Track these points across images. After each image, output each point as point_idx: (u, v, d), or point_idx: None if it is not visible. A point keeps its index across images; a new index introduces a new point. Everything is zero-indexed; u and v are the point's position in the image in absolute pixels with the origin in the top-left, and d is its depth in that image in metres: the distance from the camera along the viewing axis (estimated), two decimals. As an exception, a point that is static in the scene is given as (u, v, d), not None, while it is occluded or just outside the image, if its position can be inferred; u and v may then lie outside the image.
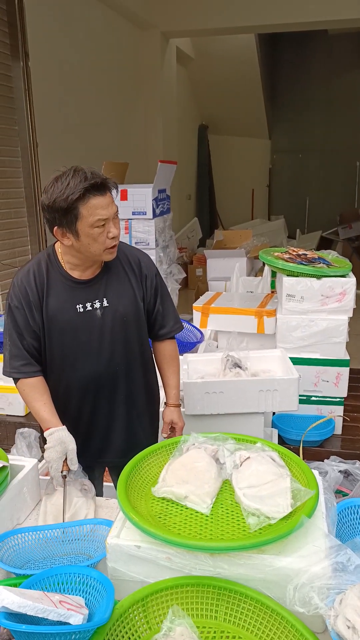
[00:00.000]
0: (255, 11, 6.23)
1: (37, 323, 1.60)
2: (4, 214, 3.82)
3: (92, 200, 1.44)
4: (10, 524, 1.40)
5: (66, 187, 1.43)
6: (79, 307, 1.61)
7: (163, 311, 1.78)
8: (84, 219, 1.45)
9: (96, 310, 1.62)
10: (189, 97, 8.98)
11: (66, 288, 1.60)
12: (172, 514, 1.23)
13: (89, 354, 1.64)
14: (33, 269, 1.61)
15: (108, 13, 5.60)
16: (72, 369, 1.66)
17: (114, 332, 1.65)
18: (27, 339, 1.61)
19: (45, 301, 1.59)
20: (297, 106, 9.99)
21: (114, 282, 1.65)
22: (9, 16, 3.72)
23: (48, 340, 1.63)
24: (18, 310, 1.59)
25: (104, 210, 1.46)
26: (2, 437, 3.18)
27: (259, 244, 6.29)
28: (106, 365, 1.67)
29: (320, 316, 2.91)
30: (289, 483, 1.24)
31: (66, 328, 1.60)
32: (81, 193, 1.42)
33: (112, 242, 1.52)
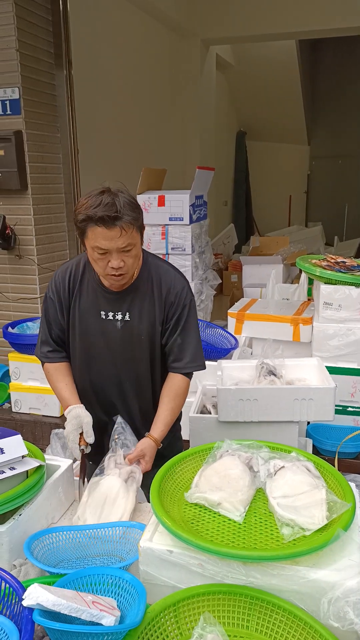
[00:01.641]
0: (296, 17, 6.20)
1: (65, 320, 1.70)
2: (45, 218, 3.91)
3: (96, 228, 1.46)
4: (45, 522, 1.43)
5: (83, 205, 1.47)
6: (102, 313, 1.67)
7: (182, 344, 1.71)
8: (88, 239, 1.51)
9: (117, 321, 1.67)
10: (227, 103, 9.00)
11: (95, 293, 1.67)
12: (205, 520, 1.22)
13: (104, 360, 1.71)
14: (70, 269, 1.69)
15: (149, 21, 5.68)
16: (87, 370, 1.74)
17: (128, 348, 1.69)
18: (55, 329, 1.72)
19: (74, 302, 1.67)
20: (337, 112, 9.86)
21: (138, 301, 1.66)
22: (54, 26, 3.82)
23: (72, 339, 1.72)
24: (52, 301, 1.69)
25: (105, 242, 1.47)
26: (37, 437, 3.25)
27: (296, 251, 6.22)
28: (118, 376, 1.73)
29: (358, 325, 2.86)
30: (325, 494, 1.22)
31: (88, 330, 1.68)
32: (85, 217, 1.45)
33: (112, 271, 1.53)
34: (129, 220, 1.46)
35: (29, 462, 1.39)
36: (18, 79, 3.52)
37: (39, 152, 3.77)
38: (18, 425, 3.28)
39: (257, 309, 3.38)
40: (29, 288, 3.91)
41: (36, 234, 3.81)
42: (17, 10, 3.44)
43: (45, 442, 3.11)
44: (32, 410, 3.35)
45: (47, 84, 3.82)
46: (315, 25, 6.23)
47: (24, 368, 3.28)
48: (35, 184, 3.75)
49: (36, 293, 3.90)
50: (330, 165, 10.24)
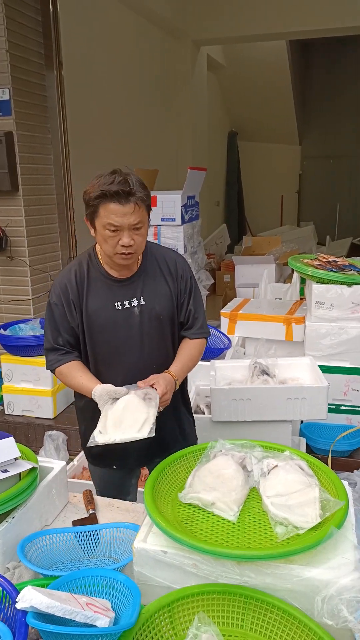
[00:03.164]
0: (287, 18, 6.22)
1: (76, 320, 1.64)
2: (36, 220, 3.90)
3: (110, 204, 1.48)
4: (39, 524, 1.42)
5: (96, 183, 1.49)
6: (118, 304, 1.64)
7: (194, 312, 1.79)
8: (100, 218, 1.51)
9: (134, 308, 1.65)
10: (219, 103, 9.01)
11: (105, 286, 1.64)
12: (199, 520, 1.22)
13: (131, 349, 1.66)
14: (75, 268, 1.66)
15: (140, 22, 5.67)
16: (115, 364, 1.67)
17: (151, 330, 1.67)
18: (64, 335, 1.65)
19: (86, 299, 1.64)
20: (329, 112, 9.91)
21: (150, 282, 1.68)
22: (44, 27, 3.81)
23: (89, 338, 1.66)
24: (57, 306, 1.64)
25: (119, 218, 1.49)
26: (30, 439, 3.23)
27: (288, 251, 6.24)
28: (145, 362, 1.68)
29: (351, 324, 2.87)
30: (318, 493, 1.22)
31: (106, 325, 1.64)
32: (100, 193, 1.47)
33: (122, 249, 1.54)
34: (141, 197, 1.50)
35: (22, 465, 1.38)
36: (8, 80, 3.51)
37: (29, 153, 3.76)
38: (11, 427, 3.27)
39: (250, 309, 3.39)
40: (21, 290, 3.89)
41: (28, 235, 3.79)
42: (6, 11, 3.43)
43: (39, 444, 3.10)
44: (25, 412, 3.33)
45: (37, 85, 3.81)
46: (306, 26, 6.25)
47: (16, 370, 3.27)
48: (26, 185, 3.73)
49: (28, 294, 3.89)
50: (321, 165, 10.29)
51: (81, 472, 2.67)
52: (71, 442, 3.13)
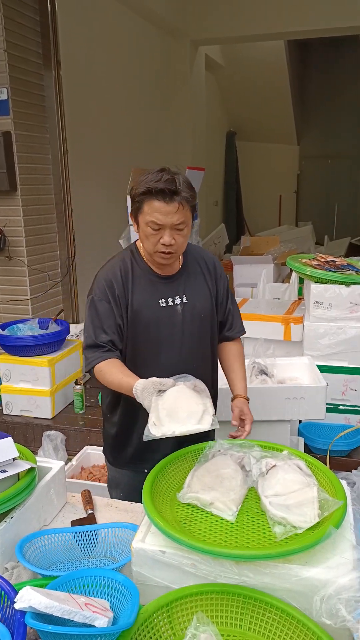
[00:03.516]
0: (285, 18, 6.22)
1: (122, 316, 1.61)
2: (35, 219, 3.90)
3: (155, 201, 1.49)
4: (37, 525, 1.42)
5: (143, 180, 1.50)
6: (162, 301, 1.64)
7: (232, 311, 1.83)
8: (143, 214, 1.52)
9: (177, 305, 1.65)
10: (217, 103, 9.01)
11: (149, 282, 1.64)
12: (198, 520, 1.22)
13: (171, 348, 1.66)
14: (118, 265, 1.65)
15: (138, 22, 5.67)
16: (154, 363, 1.65)
17: (192, 329, 1.68)
18: (108, 332, 1.60)
19: (131, 294, 1.62)
20: (327, 112, 9.90)
21: (192, 281, 1.69)
22: (42, 27, 3.81)
23: (132, 334, 1.64)
24: (101, 303, 1.61)
25: (162, 216, 1.49)
26: (29, 439, 3.23)
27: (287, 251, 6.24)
28: (186, 360, 1.67)
29: (349, 324, 2.88)
30: (316, 492, 1.22)
31: (150, 321, 1.62)
32: (145, 189, 1.48)
33: (162, 247, 1.54)
34: (186, 197, 1.51)
35: (20, 465, 1.38)
36: (6, 80, 3.50)
37: (28, 152, 3.76)
38: (9, 427, 3.26)
39: (249, 309, 3.39)
40: (20, 289, 3.89)
41: (26, 235, 3.79)
42: (4, 11, 3.43)
43: (37, 444, 3.10)
44: (23, 412, 3.33)
45: (35, 85, 3.81)
46: (304, 26, 6.25)
47: (15, 370, 3.26)
48: (24, 185, 3.73)
49: (26, 294, 3.89)
50: (320, 165, 10.29)
51: (79, 472, 2.67)
52: (70, 442, 3.13)
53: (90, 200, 4.79)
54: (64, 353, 3.36)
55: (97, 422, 3.26)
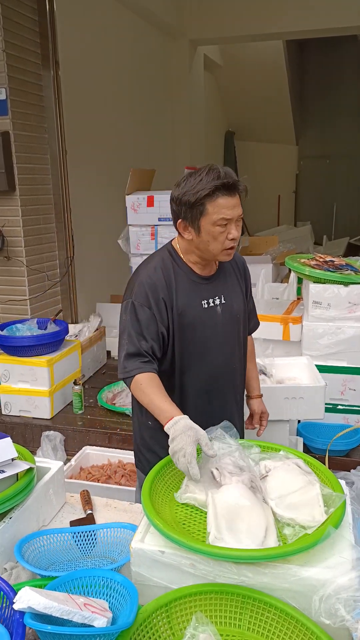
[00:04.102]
0: (284, 18, 6.22)
1: (166, 321, 1.57)
2: (33, 220, 3.89)
3: (219, 199, 1.47)
4: (36, 525, 1.42)
5: (198, 182, 1.47)
6: (204, 302, 1.63)
7: (252, 309, 1.87)
8: (208, 215, 1.49)
9: (217, 306, 1.65)
10: (216, 103, 9.01)
11: (192, 284, 1.62)
12: (197, 520, 1.22)
13: (215, 349, 1.65)
14: (159, 266, 1.61)
15: (137, 22, 5.67)
16: (200, 363, 1.64)
17: (231, 329, 1.69)
18: (149, 340, 1.55)
19: (176, 297, 1.59)
20: (325, 112, 9.91)
21: (228, 281, 1.70)
22: (41, 27, 3.81)
23: (178, 337, 1.60)
24: (142, 308, 1.55)
25: (229, 211, 1.49)
26: (28, 440, 3.23)
27: (285, 250, 6.24)
28: (228, 361, 1.69)
29: (348, 323, 2.88)
30: (319, 489, 1.22)
31: (195, 324, 1.61)
32: (211, 190, 1.46)
33: (230, 243, 1.54)
34: (243, 187, 1.52)
35: (19, 465, 1.38)
36: (5, 80, 3.50)
37: (26, 153, 3.76)
38: (8, 427, 3.26)
39: (247, 309, 3.39)
40: (18, 290, 3.89)
41: (25, 235, 3.79)
42: (2, 11, 3.43)
43: (36, 445, 3.10)
44: (22, 412, 3.33)
45: (34, 85, 3.81)
46: (302, 26, 6.25)
47: (13, 370, 3.26)
48: (23, 185, 3.73)
49: (25, 295, 3.89)
50: (318, 165, 10.29)
51: (78, 472, 2.67)
52: (68, 443, 3.12)
53: (89, 201, 4.79)
54: (62, 353, 3.36)
55: (96, 422, 3.26)
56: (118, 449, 2.92)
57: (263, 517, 1.17)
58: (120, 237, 3.78)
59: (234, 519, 1.16)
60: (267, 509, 1.21)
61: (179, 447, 1.31)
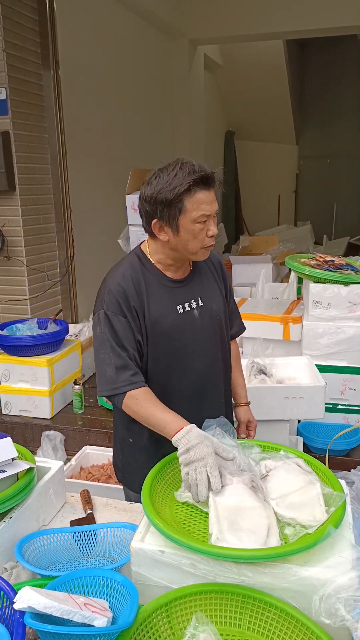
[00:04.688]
0: (283, 17, 6.22)
1: (140, 330, 1.49)
2: (33, 219, 3.90)
3: (198, 194, 1.38)
4: (36, 525, 1.42)
5: (173, 178, 1.38)
6: (179, 307, 1.53)
7: (233, 309, 1.77)
8: (188, 213, 1.39)
9: (194, 310, 1.56)
10: (216, 103, 9.01)
11: (164, 289, 1.52)
12: (197, 520, 1.22)
13: (196, 355, 1.56)
14: (127, 273, 1.50)
15: (137, 21, 5.67)
16: (179, 375, 1.55)
17: (211, 332, 1.60)
18: (129, 349, 1.47)
19: (147, 305, 1.49)
20: (326, 111, 9.91)
21: (204, 282, 1.61)
22: (41, 26, 3.81)
23: (152, 348, 1.51)
24: (117, 317, 1.46)
25: (208, 206, 1.40)
26: (28, 439, 3.23)
27: (285, 250, 6.24)
28: (211, 366, 1.60)
29: (348, 323, 2.88)
30: (320, 488, 1.22)
31: (171, 331, 1.51)
32: (189, 185, 1.36)
33: (210, 240, 1.46)
34: (217, 179, 1.43)
35: (19, 465, 1.38)
36: (5, 80, 3.50)
37: (26, 152, 3.76)
38: (8, 427, 3.26)
39: (247, 308, 3.39)
40: (18, 289, 3.89)
41: (25, 235, 3.79)
42: (3, 10, 3.43)
43: (36, 444, 3.10)
44: (22, 412, 3.33)
45: (34, 84, 3.81)
46: (303, 25, 6.25)
47: (14, 370, 3.26)
48: (23, 185, 3.73)
49: (25, 294, 3.89)
50: (318, 165, 10.29)
51: (79, 472, 2.67)
52: (69, 442, 3.13)
53: (89, 200, 4.79)
54: (63, 353, 3.36)
55: (96, 422, 3.26)
56: (118, 448, 2.91)
57: (265, 517, 1.16)
58: (120, 237, 3.79)
59: (236, 520, 1.15)
60: (268, 509, 1.20)
61: (199, 456, 1.24)
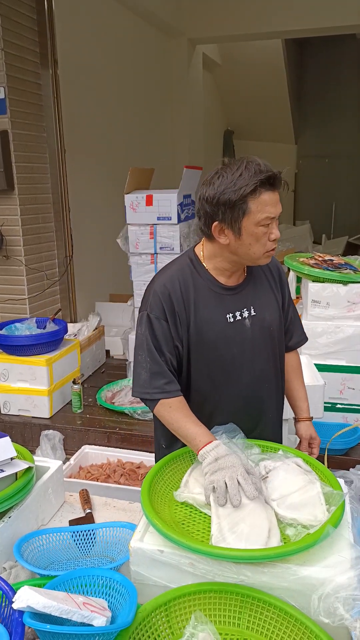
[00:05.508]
0: (282, 17, 6.22)
1: (181, 337, 1.43)
2: (32, 219, 3.89)
3: (263, 195, 1.31)
4: (35, 524, 1.42)
5: (238, 178, 1.30)
6: (229, 316, 1.45)
7: (294, 319, 1.67)
8: (252, 215, 1.32)
9: (245, 319, 1.47)
10: (215, 102, 9.01)
11: (214, 296, 1.45)
12: (196, 520, 1.22)
13: (243, 367, 1.48)
14: (175, 276, 1.44)
15: (136, 20, 5.66)
16: (223, 386, 1.48)
17: (262, 344, 1.50)
18: (167, 354, 1.42)
19: (194, 311, 1.42)
20: (325, 111, 9.92)
21: (259, 290, 1.52)
22: (39, 25, 3.80)
23: (195, 356, 1.45)
24: (159, 321, 1.41)
25: (273, 208, 1.33)
26: (27, 439, 3.23)
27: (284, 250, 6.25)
28: (258, 381, 1.51)
29: (347, 322, 2.88)
30: (320, 487, 1.22)
31: (218, 340, 1.44)
32: (255, 186, 1.29)
33: (272, 244, 1.38)
34: (283, 180, 1.36)
35: (18, 464, 1.38)
36: (4, 79, 3.50)
37: (25, 152, 3.75)
38: (7, 427, 3.26)
39: (246, 308, 3.39)
40: (17, 289, 3.88)
41: (23, 234, 3.79)
42: (1, 9, 3.42)
43: (35, 444, 3.10)
44: (21, 411, 3.33)
45: (32, 84, 3.80)
46: (302, 25, 6.25)
47: (12, 369, 3.26)
48: (22, 184, 3.72)
49: (24, 294, 3.88)
50: (317, 164, 10.30)
51: (78, 471, 2.67)
52: (68, 442, 3.12)
53: (88, 199, 4.79)
54: (61, 352, 3.36)
55: (95, 421, 3.26)
56: (117, 448, 2.91)
57: (265, 519, 1.16)
58: (119, 236, 3.78)
59: (236, 521, 1.15)
60: (269, 510, 1.20)
61: (229, 464, 1.22)
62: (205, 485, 1.23)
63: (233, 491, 1.18)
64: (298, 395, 1.72)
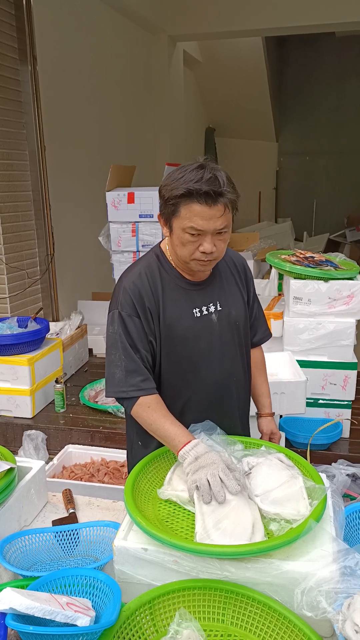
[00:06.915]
0: (263, 14, 6.24)
1: (154, 333, 1.44)
2: (12, 217, 3.85)
3: (195, 204, 1.30)
4: (17, 525, 1.41)
5: (178, 179, 1.31)
6: (196, 311, 1.47)
7: (258, 315, 1.69)
8: (180, 219, 1.33)
9: (212, 314, 1.49)
10: (196, 100, 9.01)
11: (181, 291, 1.46)
12: (180, 518, 1.22)
13: (211, 362, 1.50)
14: (144, 272, 1.45)
15: (116, 17, 5.63)
16: (193, 381, 1.50)
17: (229, 339, 1.53)
18: (142, 351, 1.42)
19: (163, 307, 1.43)
20: (305, 108, 9.99)
21: (224, 285, 1.54)
22: (17, 21, 3.75)
23: (166, 352, 1.46)
24: (131, 318, 1.42)
25: (203, 222, 1.31)
26: (9, 439, 3.19)
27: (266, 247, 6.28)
28: (226, 376, 1.54)
29: (328, 319, 2.90)
30: (302, 482, 1.23)
31: (186, 335, 1.45)
32: (185, 191, 1.29)
33: (202, 256, 1.37)
34: (231, 198, 1.32)
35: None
36: (-19, 74, 3.45)
37: (4, 149, 3.71)
38: (-11, 427, 3.22)
39: (229, 305, 3.40)
40: (-2, 288, 3.84)
41: (3, 232, 3.74)
42: (-22, 4, 3.37)
43: (18, 444, 3.07)
44: (3, 412, 3.29)
45: (11, 80, 3.75)
46: (281, 23, 6.28)
47: (-6, 369, 3.22)
48: (1, 182, 3.68)
49: (5, 293, 3.84)
50: (298, 162, 10.38)
51: (61, 471, 2.65)
52: (51, 441, 3.10)
53: (69, 197, 4.75)
54: (43, 352, 3.33)
55: (78, 420, 3.24)
56: (101, 447, 2.90)
57: (249, 515, 1.16)
58: (101, 234, 3.76)
59: (220, 518, 1.15)
60: (252, 506, 1.20)
61: (209, 462, 1.23)
62: (189, 485, 1.24)
63: (216, 488, 1.19)
64: (261, 390, 1.73)
